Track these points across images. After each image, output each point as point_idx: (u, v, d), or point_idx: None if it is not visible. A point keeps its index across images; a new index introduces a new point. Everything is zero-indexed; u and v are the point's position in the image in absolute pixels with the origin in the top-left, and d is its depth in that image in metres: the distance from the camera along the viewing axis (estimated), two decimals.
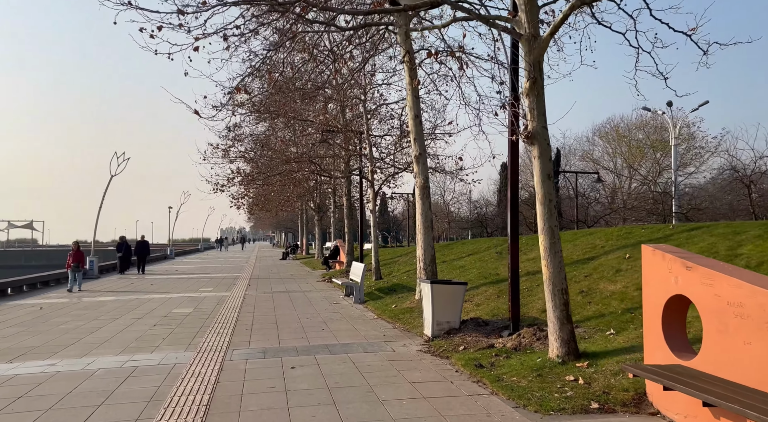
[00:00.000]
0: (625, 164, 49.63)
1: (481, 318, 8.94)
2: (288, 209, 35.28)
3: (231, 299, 14.34)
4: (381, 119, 20.71)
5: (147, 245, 25.35)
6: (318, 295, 15.23)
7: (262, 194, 30.93)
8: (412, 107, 11.79)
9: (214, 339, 8.76)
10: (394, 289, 14.20)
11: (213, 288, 17.51)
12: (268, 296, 14.95)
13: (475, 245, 17.69)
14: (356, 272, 14.34)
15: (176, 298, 14.82)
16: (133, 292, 16.55)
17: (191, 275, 23.26)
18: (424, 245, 11.61)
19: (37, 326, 10.30)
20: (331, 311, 12.02)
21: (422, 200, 11.70)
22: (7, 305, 13.55)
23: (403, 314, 10.58)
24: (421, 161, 11.77)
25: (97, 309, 12.62)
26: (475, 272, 13.08)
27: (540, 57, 6.19)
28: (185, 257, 47.58)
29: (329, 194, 32.71)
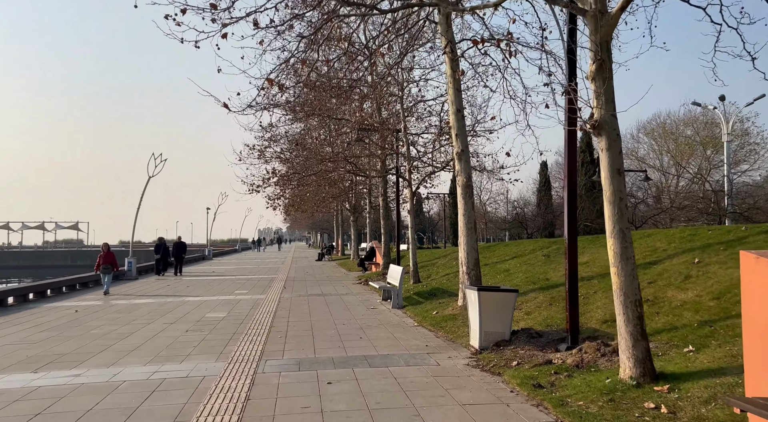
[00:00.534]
0: (672, 162, 47.47)
1: (533, 328, 8.17)
2: (323, 209, 34.98)
3: (266, 303, 13.94)
4: (418, 117, 20.04)
5: (184, 245, 25.25)
6: (354, 299, 14.68)
7: (297, 194, 30.69)
8: (454, 100, 11.09)
9: (247, 347, 8.29)
10: (434, 294, 13.51)
11: (248, 291, 17.20)
12: (304, 300, 14.49)
13: (519, 247, 16.81)
14: (394, 276, 13.72)
15: (211, 301, 14.52)
16: (168, 295, 16.37)
17: (227, 277, 23.12)
18: (467, 248, 10.89)
19: (70, 330, 10.06)
20: (368, 316, 11.43)
21: (464, 199, 10.99)
22: (44, 308, 13.50)
23: (445, 322, 9.89)
24: (464, 159, 11.05)
25: (131, 313, 12.39)
26: (522, 277, 12.27)
27: (608, 36, 5.43)
28: (223, 257, 47.98)
29: (364, 194, 32.22)
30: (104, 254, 16.54)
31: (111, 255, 16.59)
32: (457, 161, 11.09)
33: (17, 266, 78.29)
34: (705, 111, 41.12)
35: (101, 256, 16.54)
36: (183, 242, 25.47)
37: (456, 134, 11.07)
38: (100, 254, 16.65)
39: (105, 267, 16.41)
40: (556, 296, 9.67)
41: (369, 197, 28.83)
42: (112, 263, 16.53)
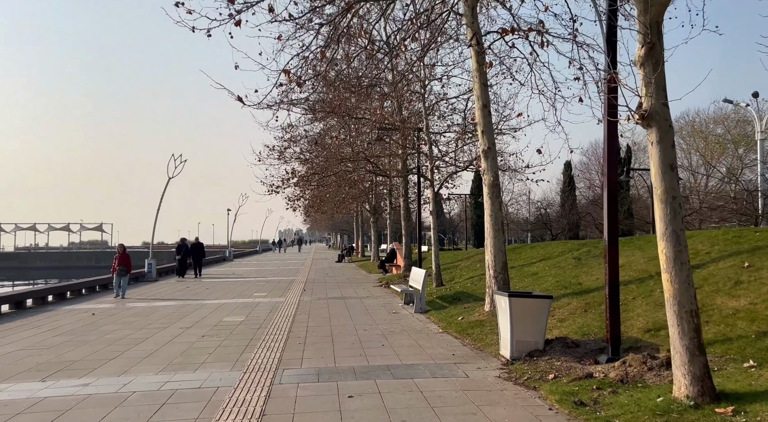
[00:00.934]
0: (701, 161, 46.06)
1: (568, 337, 7.62)
2: (343, 210, 34.66)
3: (285, 306, 13.58)
4: (440, 115, 19.54)
5: (202, 247, 24.88)
6: (375, 302, 14.24)
7: (317, 195, 30.41)
8: (480, 95, 10.57)
9: (264, 355, 7.89)
10: (458, 298, 12.99)
11: (267, 293, 16.88)
12: (323, 303, 14.10)
13: (547, 249, 16.18)
14: (417, 279, 13.23)
15: (229, 304, 14.22)
16: (187, 298, 16.14)
17: (247, 279, 22.88)
18: (495, 250, 10.36)
19: (84, 335, 9.81)
20: (390, 321, 10.97)
21: (491, 199, 10.46)
22: (61, 311, 13.34)
23: (472, 329, 9.38)
24: (490, 156, 10.52)
25: (148, 316, 12.13)
26: (552, 281, 11.67)
27: (659, 16, 4.89)
28: (243, 258, 48.00)
29: (385, 195, 31.79)
30: (120, 256, 15.98)
31: (126, 257, 16.05)
32: (484, 159, 10.57)
33: (44, 266, 79.60)
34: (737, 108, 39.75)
35: (117, 258, 16.01)
36: (201, 243, 25.06)
37: (482, 130, 10.55)
38: (116, 255, 16.15)
39: (121, 269, 15.87)
40: (591, 302, 9.09)
41: (389, 198, 28.39)
42: (128, 266, 16.00)
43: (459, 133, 16.64)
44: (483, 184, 10.65)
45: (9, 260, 79.09)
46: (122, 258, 15.90)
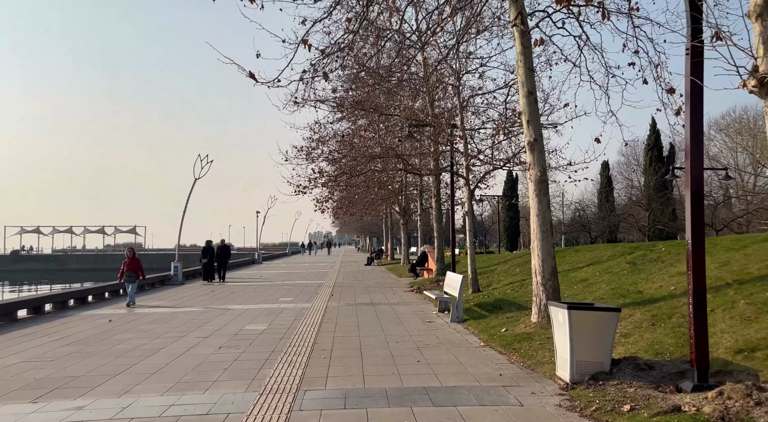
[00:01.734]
0: (749, 160, 43.62)
1: (639, 357, 6.47)
2: (372, 212, 33.78)
3: (311, 313, 12.71)
4: (475, 111, 18.45)
5: (228, 249, 23.87)
6: (407, 309, 13.24)
7: (346, 197, 29.63)
8: (525, 81, 9.49)
9: (285, 372, 6.99)
10: (498, 306, 11.89)
11: (293, 298, 16.07)
12: (352, 310, 13.17)
13: (593, 252, 14.90)
14: (452, 285, 12.18)
15: (253, 310, 13.43)
16: (210, 303, 15.44)
17: (273, 283, 22.18)
18: (543, 254, 9.25)
19: (94, 344, 9.10)
20: (425, 332, 9.96)
21: (539, 197, 9.36)
22: (79, 316, 12.76)
23: (519, 343, 8.29)
24: (537, 149, 9.43)
25: (166, 323, 11.41)
26: (606, 289, 10.47)
27: None
28: (272, 261, 47.65)
29: (415, 196, 30.79)
30: (129, 261, 14.60)
31: (136, 262, 14.71)
32: (529, 151, 9.48)
33: (80, 268, 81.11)
34: None
35: (125, 263, 14.60)
36: (227, 246, 24.07)
37: (527, 120, 9.47)
38: (124, 260, 14.71)
39: (129, 275, 14.47)
40: (659, 314, 7.89)
41: (420, 199, 27.37)
42: (138, 271, 14.65)
43: (496, 129, 15.50)
44: (528, 180, 9.56)
45: (47, 262, 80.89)
46: (131, 263, 14.63)
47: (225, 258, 23.32)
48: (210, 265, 22.65)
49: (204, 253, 22.84)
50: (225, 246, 23.81)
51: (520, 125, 16.21)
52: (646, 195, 35.33)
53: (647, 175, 39.45)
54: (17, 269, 74.09)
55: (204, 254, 22.77)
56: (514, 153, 15.40)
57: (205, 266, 22.69)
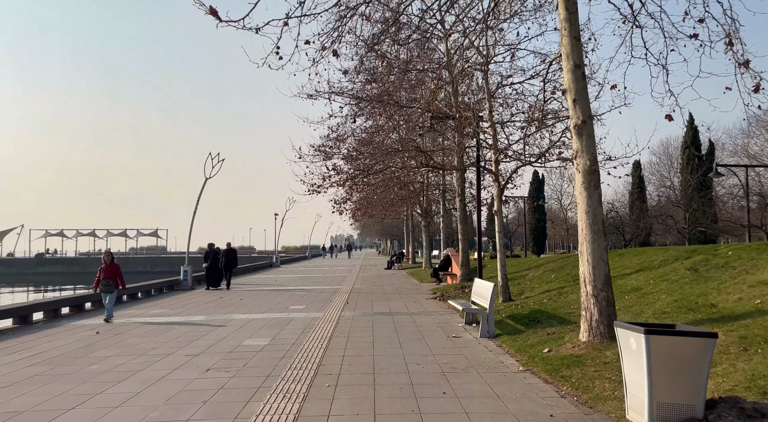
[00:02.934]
0: None
1: (739, 397, 4.88)
2: (392, 213, 32.33)
3: (321, 325, 11.31)
4: (504, 102, 16.89)
5: (234, 254, 21.65)
6: (430, 321, 11.75)
7: (364, 198, 28.28)
8: (570, 53, 7.95)
9: (276, 407, 5.59)
10: (535, 319, 10.31)
11: (305, 306, 14.71)
12: (367, 321, 11.74)
13: (642, 257, 13.19)
14: (482, 294, 10.65)
15: (258, 320, 12.09)
16: (213, 312, 14.16)
17: (287, 288, 20.89)
18: (594, 259, 7.69)
19: (66, 364, 7.84)
20: (451, 351, 8.47)
21: (588, 190, 7.80)
22: (66, 327, 11.58)
23: (568, 369, 6.74)
24: (585, 133, 7.87)
25: (157, 337, 10.13)
26: (667, 301, 8.83)
27: None
28: (291, 265, 46.55)
29: (437, 197, 29.27)
30: (106, 267, 12.24)
31: (115, 268, 12.37)
32: (576, 136, 7.92)
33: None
34: None
35: (102, 269, 12.21)
36: (233, 250, 21.77)
37: (574, 99, 7.92)
38: (101, 266, 12.29)
39: (106, 284, 12.04)
40: (749, 335, 6.26)
41: (443, 199, 25.82)
42: (116, 280, 12.27)
43: (531, 115, 13.87)
44: (576, 170, 8.00)
45: (71, 265, 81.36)
46: (109, 270, 12.27)
47: (231, 263, 21.32)
48: (213, 270, 20.87)
49: (206, 257, 21.12)
50: (231, 250, 21.77)
51: (554, 117, 14.63)
52: (686, 195, 33.02)
53: (684, 174, 37.16)
54: (41, 272, 74.71)
55: (206, 259, 21.04)
56: (550, 144, 13.77)
57: (207, 272, 20.91)
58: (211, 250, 21.26)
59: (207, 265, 20.85)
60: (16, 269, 75.69)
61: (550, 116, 14.41)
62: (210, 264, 20.84)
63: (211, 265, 20.83)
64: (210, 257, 20.94)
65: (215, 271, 20.90)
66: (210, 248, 21.43)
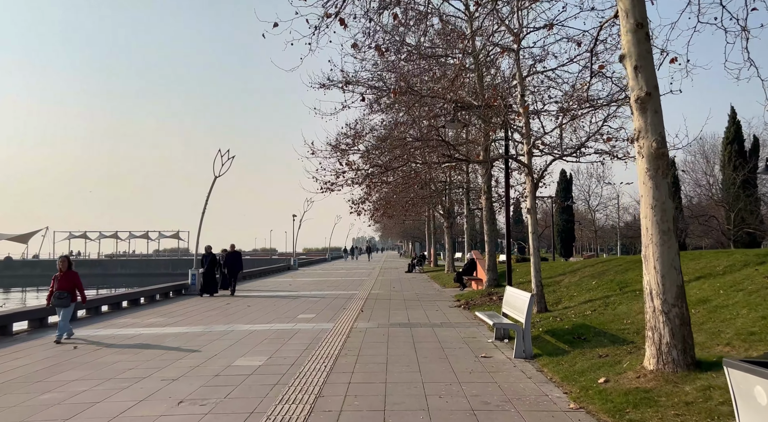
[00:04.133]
0: None
1: None
2: (413, 214, 30.79)
3: (330, 338, 9.88)
4: (536, 90, 15.24)
5: (239, 257, 19.73)
6: (454, 334, 10.22)
7: (383, 197, 26.83)
8: (631, 9, 6.37)
9: None
10: (580, 335, 8.69)
11: (315, 315, 13.31)
12: (382, 335, 10.26)
13: (700, 261, 11.42)
14: (516, 305, 9.08)
15: (259, 333, 10.72)
16: (213, 321, 12.85)
17: (300, 293, 19.54)
18: (663, 266, 6.08)
19: (13, 392, 6.54)
20: (480, 377, 6.94)
21: (655, 180, 6.20)
22: (42, 340, 10.35)
23: (636, 410, 5.15)
24: (651, 108, 6.28)
25: (139, 353, 8.82)
26: (751, 317, 7.13)
27: None
28: (309, 267, 45.38)
29: (461, 196, 27.64)
30: (61, 276, 9.98)
31: (72, 277, 10.10)
32: (639, 113, 6.33)
33: (126, 274, 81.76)
34: None
35: (56, 278, 9.99)
36: (236, 252, 19.75)
37: (635, 65, 6.33)
38: (55, 275, 10.08)
39: (59, 296, 9.83)
40: None
41: (466, 198, 24.19)
42: (73, 291, 10.05)
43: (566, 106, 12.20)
44: (638, 155, 6.40)
45: (94, 267, 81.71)
46: (65, 279, 10.00)
47: (235, 267, 19.42)
48: (209, 276, 19.10)
49: (202, 262, 19.33)
50: (234, 253, 19.76)
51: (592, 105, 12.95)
52: (731, 194, 30.62)
53: (726, 171, 34.76)
54: None
55: (202, 263, 19.29)
56: (589, 134, 12.09)
57: (204, 277, 19.13)
58: (208, 254, 19.42)
59: (203, 270, 19.17)
60: (41, 271, 76.09)
61: (587, 105, 12.74)
62: (206, 270, 19.12)
63: (207, 270, 19.12)
64: (206, 262, 19.20)
65: (211, 277, 19.16)
66: (207, 252, 19.55)
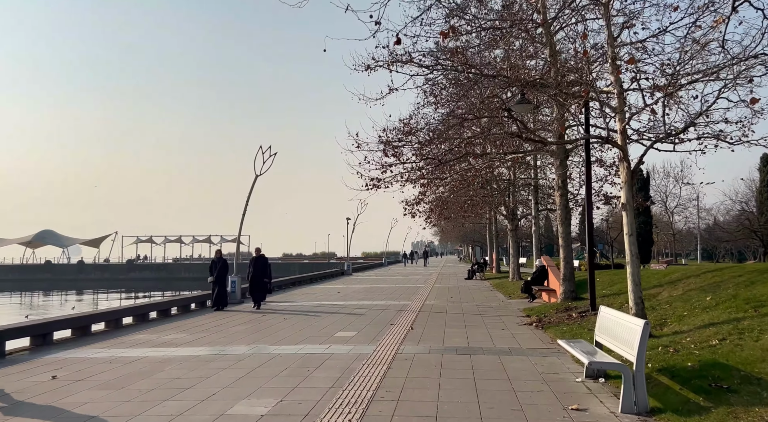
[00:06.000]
0: None
1: None
2: (472, 215, 28.16)
3: (365, 370, 7.71)
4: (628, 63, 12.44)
5: (264, 263, 16.66)
6: (528, 368, 7.78)
7: (439, 198, 24.46)
8: None
9: None
10: (717, 380, 6.01)
11: (356, 334, 11.19)
12: (434, 366, 7.96)
13: None
14: (619, 334, 6.52)
15: (282, 358, 8.70)
16: (235, 340, 10.99)
17: (345, 304, 17.53)
18: None
19: None
20: None
21: None
22: (26, 366, 8.78)
23: None
24: None
25: (119, 391, 6.97)
26: None
27: None
28: (363, 273, 43.56)
29: (527, 196, 24.81)
30: None
31: None
32: None
33: (188, 277, 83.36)
34: None
35: None
36: (262, 257, 16.93)
37: None
38: None
39: None
40: None
41: (534, 196, 21.38)
42: None
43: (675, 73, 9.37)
44: None
45: (159, 271, 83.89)
46: None
47: (261, 276, 16.36)
48: (219, 285, 16.16)
49: (211, 269, 16.45)
50: (260, 258, 16.82)
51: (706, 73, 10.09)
52: None
53: None
54: (133, 278, 77.34)
55: (211, 271, 16.38)
56: (699, 111, 9.23)
57: (214, 288, 16.15)
58: (218, 259, 16.66)
59: (212, 279, 16.20)
60: (110, 275, 78.96)
61: (700, 74, 9.86)
62: (216, 278, 16.13)
63: (218, 279, 16.13)
64: (216, 269, 16.26)
65: (221, 287, 16.26)
66: (217, 257, 16.82)
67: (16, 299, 48.80)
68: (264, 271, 16.67)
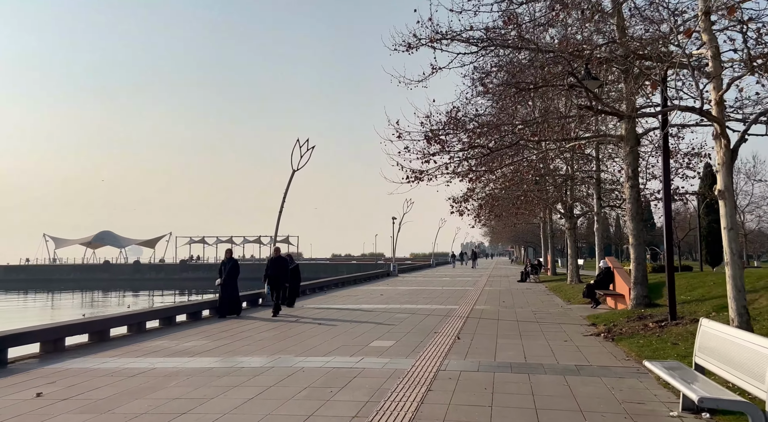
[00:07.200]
0: None
1: None
2: (525, 212, 26.23)
3: (399, 393, 6.33)
4: None
5: (283, 264, 14.91)
6: (603, 395, 6.18)
7: (488, 194, 22.79)
8: None
9: None
10: None
11: (394, 343, 9.83)
12: (484, 390, 6.48)
13: None
14: (735, 360, 4.85)
15: (306, 373, 7.44)
16: (256, 350, 9.83)
17: (387, 307, 16.20)
18: None
19: None
20: None
21: None
22: (19, 378, 7.89)
23: None
24: None
25: (112, 410, 5.88)
26: None
27: None
28: (410, 274, 42.15)
29: (588, 191, 22.74)
30: None
31: None
32: None
33: (240, 277, 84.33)
34: None
35: None
36: (281, 258, 15.17)
37: None
38: None
39: None
40: None
41: (597, 190, 19.36)
42: None
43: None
44: None
45: (210, 271, 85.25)
46: None
47: (281, 279, 14.70)
48: (227, 290, 14.25)
49: (220, 271, 14.61)
50: (279, 259, 15.06)
51: None
52: None
53: None
54: (186, 278, 78.90)
55: (220, 273, 14.58)
56: None
57: (222, 292, 14.25)
58: (228, 260, 14.75)
59: (220, 282, 14.34)
60: (165, 275, 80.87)
61: None
62: (225, 281, 14.20)
63: (227, 282, 14.18)
64: (225, 271, 14.34)
65: (229, 291, 14.23)
66: (228, 258, 14.85)
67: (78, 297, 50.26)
68: (285, 273, 15.13)
